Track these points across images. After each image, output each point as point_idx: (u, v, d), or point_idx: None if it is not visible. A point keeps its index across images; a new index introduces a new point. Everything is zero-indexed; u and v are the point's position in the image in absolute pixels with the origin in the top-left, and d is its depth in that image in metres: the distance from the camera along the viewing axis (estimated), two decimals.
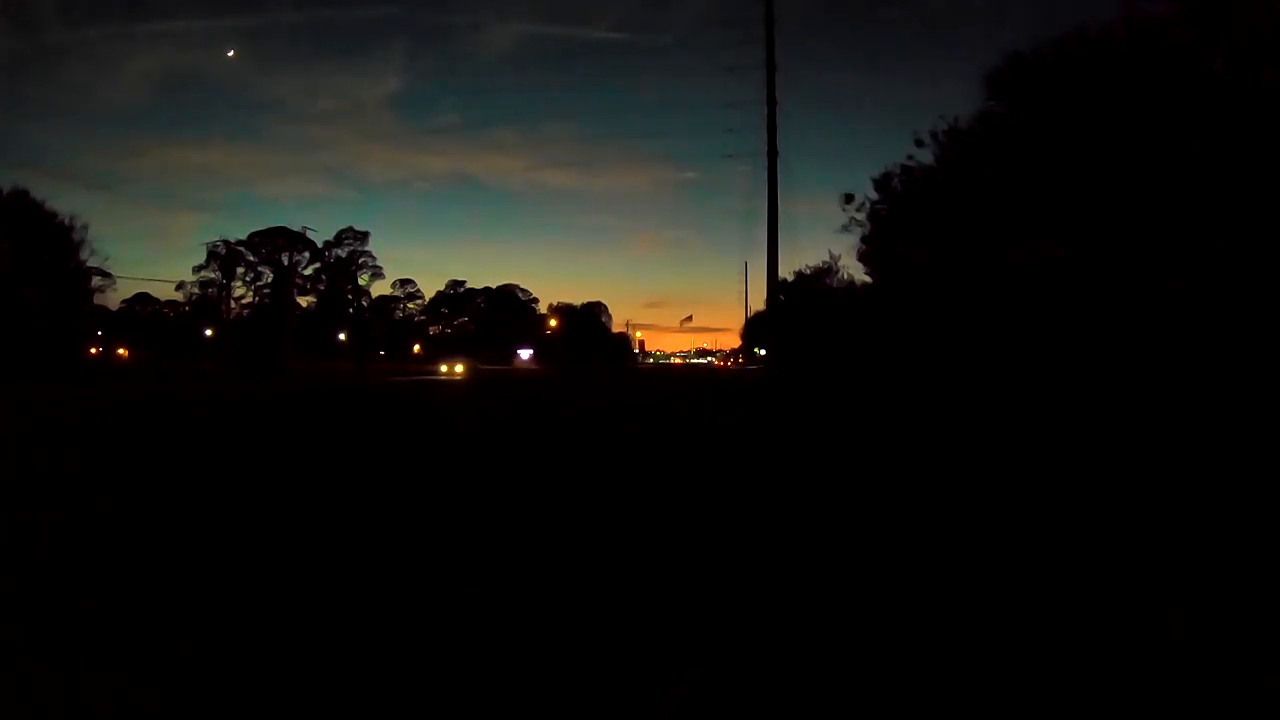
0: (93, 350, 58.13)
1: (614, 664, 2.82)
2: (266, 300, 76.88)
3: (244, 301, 79.21)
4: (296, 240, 76.75)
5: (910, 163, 21.09)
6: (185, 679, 2.66)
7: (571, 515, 5.55)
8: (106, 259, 53.54)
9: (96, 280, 57.73)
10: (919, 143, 20.35)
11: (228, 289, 78.69)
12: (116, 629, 3.15)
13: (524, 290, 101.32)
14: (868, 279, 27.12)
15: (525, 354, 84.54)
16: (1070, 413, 12.16)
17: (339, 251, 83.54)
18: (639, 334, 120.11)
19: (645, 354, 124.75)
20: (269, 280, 78.58)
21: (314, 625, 3.21)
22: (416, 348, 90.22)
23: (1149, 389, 12.25)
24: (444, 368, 54.36)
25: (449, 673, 2.75)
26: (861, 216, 23.73)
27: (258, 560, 4.21)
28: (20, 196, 41.14)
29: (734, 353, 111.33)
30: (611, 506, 5.98)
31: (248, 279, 79.31)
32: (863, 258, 25.47)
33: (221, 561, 4.17)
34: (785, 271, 30.33)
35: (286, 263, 78.76)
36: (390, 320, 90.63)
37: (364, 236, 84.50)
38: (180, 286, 79.40)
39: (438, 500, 6.19)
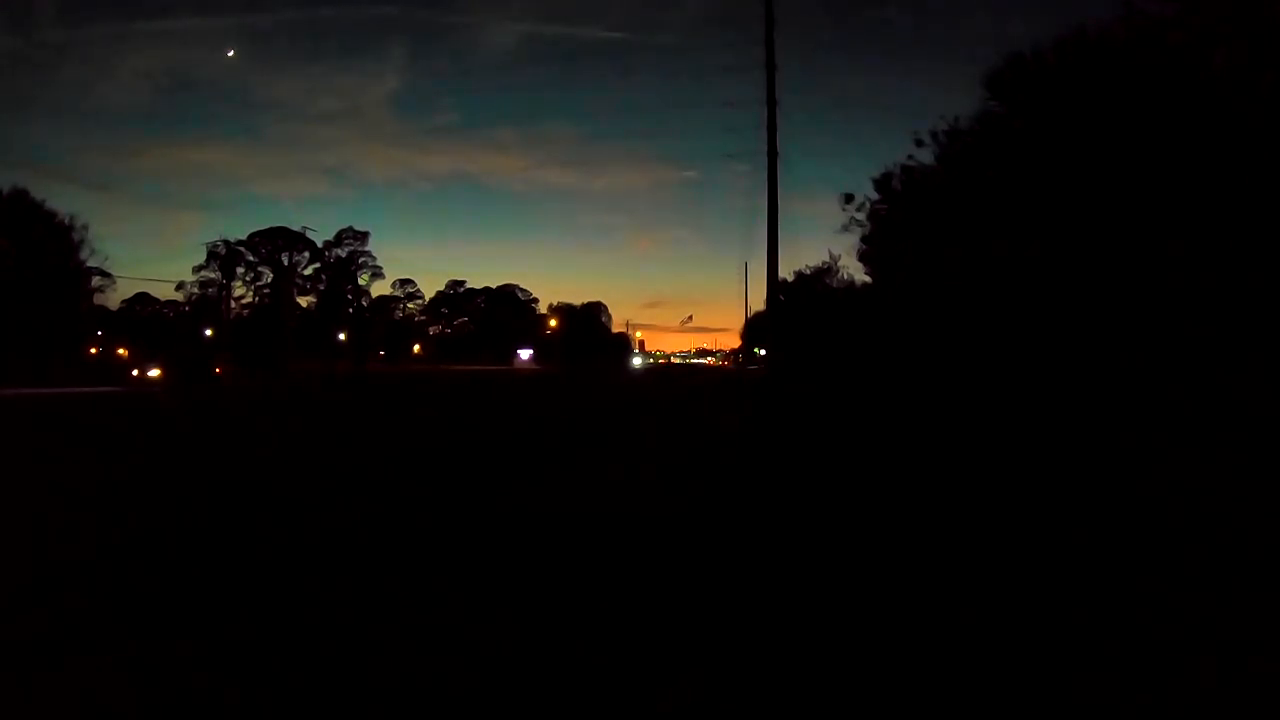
0: (93, 350, 58.08)
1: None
2: (266, 300, 76.92)
3: (244, 301, 79.33)
4: (296, 240, 76.79)
5: (910, 163, 21.15)
6: None
7: None
8: (106, 259, 53.51)
9: (96, 280, 57.86)
10: (919, 143, 20.41)
11: (228, 289, 78.74)
12: None
13: (524, 290, 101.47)
14: (868, 279, 27.18)
15: (525, 354, 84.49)
16: (1059, 418, 12.17)
17: (339, 251, 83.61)
18: (639, 334, 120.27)
19: (646, 354, 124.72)
20: (269, 280, 78.64)
21: None
22: (416, 348, 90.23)
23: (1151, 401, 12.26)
24: (135, 371, 35.85)
25: None
26: (861, 216, 23.80)
27: None
28: (20, 196, 41.15)
29: (734, 353, 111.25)
30: None
31: (248, 279, 79.43)
32: (863, 258, 25.55)
33: None
34: (785, 271, 30.33)
35: (286, 263, 78.81)
36: (390, 320, 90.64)
37: (364, 236, 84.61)
38: (180, 286, 79.55)
39: None
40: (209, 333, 69.24)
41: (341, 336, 76.21)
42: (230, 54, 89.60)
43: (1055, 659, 2.91)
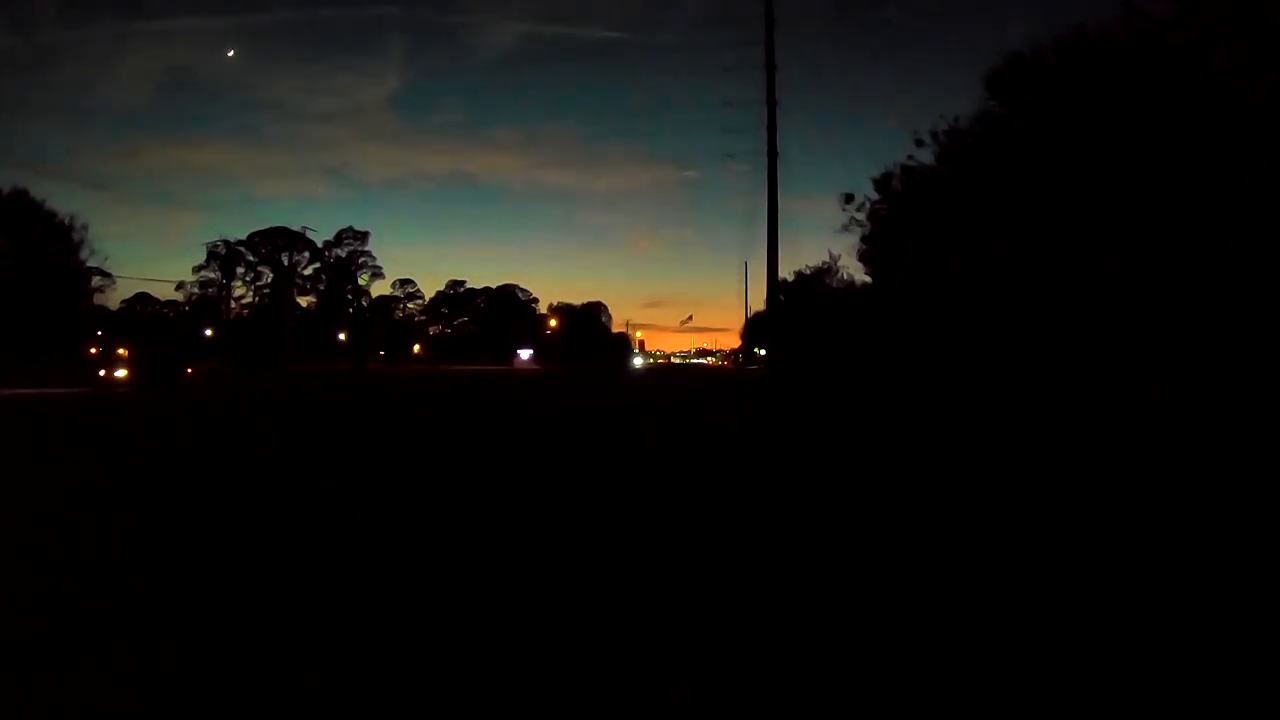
0: (93, 350, 58.08)
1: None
2: (266, 300, 76.95)
3: (244, 301, 79.38)
4: (296, 240, 76.85)
5: (910, 163, 21.17)
6: None
7: None
8: (106, 259, 53.62)
9: (96, 280, 58.03)
10: (919, 143, 20.42)
11: (228, 289, 78.79)
12: None
13: (524, 290, 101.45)
14: (868, 279, 27.19)
15: (525, 354, 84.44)
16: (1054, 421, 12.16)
17: (339, 251, 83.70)
18: (639, 334, 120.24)
19: (646, 354, 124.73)
20: (269, 280, 78.68)
21: None
22: (416, 348, 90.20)
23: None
24: (102, 372, 29.28)
25: None
26: (861, 216, 23.81)
27: None
28: (20, 196, 41.19)
29: (734, 353, 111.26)
30: None
31: (248, 279, 79.48)
32: (863, 258, 25.56)
33: None
34: (785, 271, 30.32)
35: (286, 263, 78.87)
36: (390, 320, 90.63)
37: (364, 236, 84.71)
38: (180, 286, 79.58)
39: None
40: (209, 332, 69.26)
41: (341, 336, 76.18)
42: (230, 54, 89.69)
43: (1052, 658, 2.91)
